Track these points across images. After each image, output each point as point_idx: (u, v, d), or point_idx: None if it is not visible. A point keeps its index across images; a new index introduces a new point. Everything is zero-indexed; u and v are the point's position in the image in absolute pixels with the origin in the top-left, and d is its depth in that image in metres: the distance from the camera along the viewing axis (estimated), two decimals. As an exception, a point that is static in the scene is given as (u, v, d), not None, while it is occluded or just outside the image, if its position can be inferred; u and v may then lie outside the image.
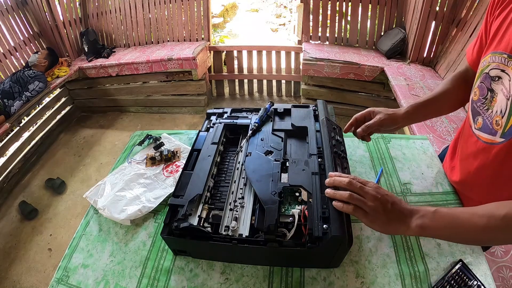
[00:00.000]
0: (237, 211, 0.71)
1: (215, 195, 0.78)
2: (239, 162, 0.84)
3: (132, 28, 3.27)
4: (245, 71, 3.40)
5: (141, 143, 1.10)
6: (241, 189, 0.77)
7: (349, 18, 2.88)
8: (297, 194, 0.71)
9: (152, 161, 1.03)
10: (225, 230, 0.67)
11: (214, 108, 1.03)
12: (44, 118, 2.90)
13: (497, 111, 0.62)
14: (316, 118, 0.91)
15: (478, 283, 0.68)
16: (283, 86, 3.45)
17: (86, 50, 3.14)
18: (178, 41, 3.26)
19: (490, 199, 0.62)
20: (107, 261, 0.78)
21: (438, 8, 2.35)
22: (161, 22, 3.21)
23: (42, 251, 1.99)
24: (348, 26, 2.92)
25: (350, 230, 0.62)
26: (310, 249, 0.61)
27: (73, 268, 0.78)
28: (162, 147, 1.08)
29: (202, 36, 3.19)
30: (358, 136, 0.85)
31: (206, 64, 3.17)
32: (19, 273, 1.87)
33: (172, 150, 1.06)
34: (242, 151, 0.86)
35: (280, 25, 5.85)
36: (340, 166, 0.72)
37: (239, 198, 0.74)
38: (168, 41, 3.28)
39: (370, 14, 2.83)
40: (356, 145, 1.05)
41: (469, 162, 0.76)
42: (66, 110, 3.22)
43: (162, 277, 0.73)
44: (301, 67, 2.84)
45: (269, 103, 0.97)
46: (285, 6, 6.35)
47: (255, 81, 3.45)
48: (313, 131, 0.85)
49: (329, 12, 2.88)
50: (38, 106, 2.85)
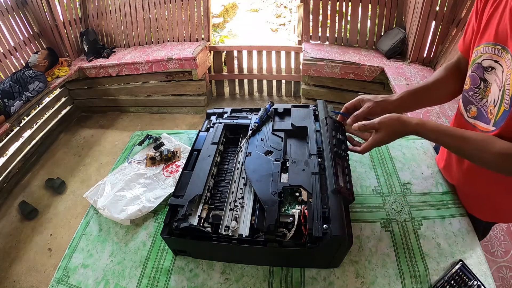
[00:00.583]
0: (237, 211, 0.71)
1: (215, 195, 0.78)
2: (239, 162, 0.84)
3: (132, 28, 3.27)
4: (245, 71, 3.40)
5: (141, 143, 1.10)
6: (241, 189, 0.77)
7: (349, 18, 2.88)
8: (297, 194, 0.71)
9: (152, 161, 1.03)
10: (225, 230, 0.67)
11: (214, 108, 1.03)
12: (44, 118, 2.90)
13: (491, 101, 0.64)
14: (316, 118, 0.91)
15: (478, 283, 0.68)
16: (283, 86, 3.45)
17: (86, 50, 3.14)
18: (178, 41, 3.26)
19: (482, 186, 0.72)
20: (107, 261, 0.78)
21: (438, 8, 2.35)
22: (161, 22, 3.21)
23: (42, 251, 1.99)
24: (348, 26, 2.92)
25: (350, 230, 0.63)
26: (310, 249, 0.61)
27: (73, 268, 0.78)
28: (162, 147, 1.08)
29: (202, 36, 3.19)
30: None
31: (206, 64, 3.17)
32: (19, 273, 1.87)
33: (172, 150, 1.06)
34: (242, 151, 0.86)
35: (280, 25, 5.85)
36: (340, 165, 0.72)
37: (239, 198, 0.74)
38: (168, 41, 3.28)
39: (370, 14, 2.83)
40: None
41: None
42: (66, 110, 3.22)
43: (162, 277, 0.73)
44: (301, 67, 2.84)
45: (269, 103, 0.97)
46: (285, 6, 6.35)
47: (255, 81, 3.45)
48: (313, 131, 0.85)
49: (329, 12, 2.88)
50: (38, 106, 2.85)
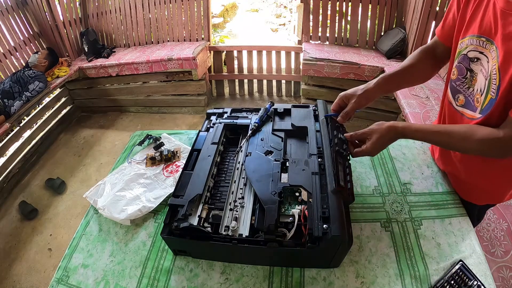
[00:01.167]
0: (237, 211, 0.71)
1: (215, 195, 0.78)
2: (239, 162, 0.84)
3: (132, 28, 3.27)
4: (245, 71, 3.40)
5: (141, 143, 1.10)
6: (241, 189, 0.77)
7: (349, 18, 2.88)
8: (297, 194, 0.71)
9: (152, 161, 1.03)
10: (225, 230, 0.67)
11: (214, 108, 1.03)
12: (44, 118, 2.90)
13: (477, 90, 0.69)
14: (316, 118, 0.91)
15: (478, 283, 0.68)
16: (283, 86, 3.45)
17: (86, 50, 3.14)
18: (178, 41, 3.26)
19: (476, 171, 0.79)
20: (107, 261, 0.78)
21: (438, 8, 2.35)
22: (161, 22, 3.21)
23: (42, 251, 1.99)
24: (348, 26, 2.92)
25: (350, 230, 0.63)
26: (310, 249, 0.61)
27: (73, 268, 0.78)
28: (162, 147, 1.08)
29: (202, 36, 3.19)
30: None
31: (206, 64, 3.17)
32: (19, 273, 1.87)
33: (172, 150, 1.06)
34: (242, 151, 0.86)
35: (280, 25, 5.85)
36: (342, 164, 0.71)
37: (239, 198, 0.74)
38: (168, 41, 3.28)
39: (370, 14, 2.83)
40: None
41: None
42: (66, 110, 3.22)
43: (162, 277, 0.73)
44: (301, 67, 2.84)
45: (269, 103, 0.97)
46: (285, 6, 6.35)
47: (255, 81, 3.45)
48: (313, 131, 0.85)
49: (329, 12, 2.88)
50: (38, 106, 2.85)
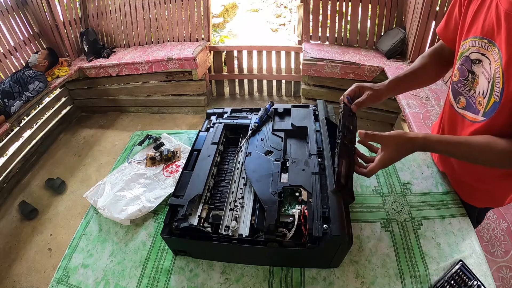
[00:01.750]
0: (237, 211, 0.71)
1: (215, 195, 0.78)
2: (239, 162, 0.84)
3: (132, 28, 3.27)
4: (245, 71, 3.40)
5: (141, 143, 1.10)
6: (241, 189, 0.77)
7: (349, 18, 2.88)
8: (297, 194, 0.71)
9: (152, 161, 1.03)
10: (225, 230, 0.67)
11: (214, 108, 1.03)
12: (44, 118, 2.90)
13: (479, 92, 0.68)
14: (316, 118, 0.91)
15: (478, 283, 0.68)
16: (283, 86, 3.45)
17: (86, 50, 3.14)
18: (178, 41, 3.26)
19: (477, 174, 0.78)
20: (107, 261, 0.78)
21: (438, 8, 2.35)
22: (161, 22, 3.21)
23: (42, 251, 1.99)
24: (348, 26, 2.92)
25: (350, 230, 0.62)
26: (310, 249, 0.61)
27: (73, 268, 0.78)
28: (162, 147, 1.07)
29: (202, 36, 3.19)
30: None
31: (206, 64, 3.17)
32: (19, 273, 1.87)
33: (172, 150, 1.05)
34: (242, 151, 0.86)
35: (280, 25, 5.85)
36: (346, 160, 0.69)
37: (239, 198, 0.74)
38: (168, 41, 3.28)
39: (370, 14, 2.83)
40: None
41: None
42: (66, 110, 3.22)
43: (162, 277, 0.73)
44: (301, 67, 2.84)
45: (269, 103, 0.97)
46: (285, 6, 6.35)
47: (255, 81, 3.45)
48: (313, 131, 0.85)
49: (329, 12, 2.88)
50: (38, 106, 2.85)
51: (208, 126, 0.95)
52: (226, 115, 0.99)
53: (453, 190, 0.89)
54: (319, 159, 0.76)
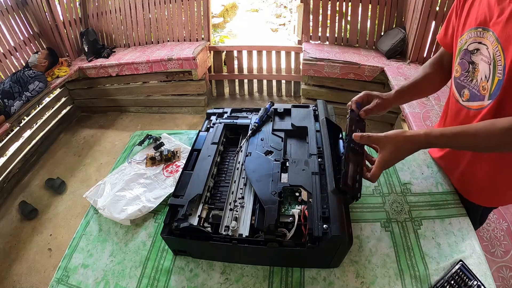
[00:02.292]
0: (237, 211, 0.71)
1: (215, 195, 0.78)
2: (239, 162, 0.84)
3: (132, 28, 3.27)
4: (245, 71, 3.40)
5: (141, 143, 1.10)
6: (241, 189, 0.77)
7: (349, 18, 2.88)
8: (297, 194, 0.71)
9: (152, 161, 1.03)
10: (225, 230, 0.67)
11: (214, 108, 1.03)
12: (44, 118, 2.90)
13: (481, 78, 0.69)
14: (316, 118, 0.91)
15: (478, 283, 0.68)
16: (283, 86, 3.45)
17: (86, 50, 3.14)
18: (178, 41, 3.26)
19: (484, 172, 0.78)
20: (107, 261, 0.78)
21: (438, 8, 2.35)
22: (161, 22, 3.21)
23: (42, 251, 1.99)
24: (348, 26, 2.92)
25: (350, 230, 0.62)
26: (310, 249, 0.61)
27: (73, 268, 0.78)
28: (162, 147, 1.07)
29: (202, 36, 3.19)
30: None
31: (206, 64, 3.17)
32: (19, 273, 1.87)
33: (172, 150, 1.05)
34: (242, 151, 0.86)
35: (280, 25, 5.85)
36: (353, 161, 0.68)
37: (239, 198, 0.74)
38: (168, 41, 3.28)
39: (370, 14, 2.83)
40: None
41: None
42: (66, 110, 3.22)
43: (162, 277, 0.73)
44: (301, 67, 2.84)
45: (269, 103, 0.97)
46: (285, 6, 6.35)
47: (255, 81, 3.45)
48: (313, 131, 0.85)
49: (329, 12, 2.88)
50: (38, 106, 2.85)
51: (208, 126, 0.95)
52: (226, 115, 0.99)
53: (453, 190, 0.89)
54: (319, 159, 0.76)
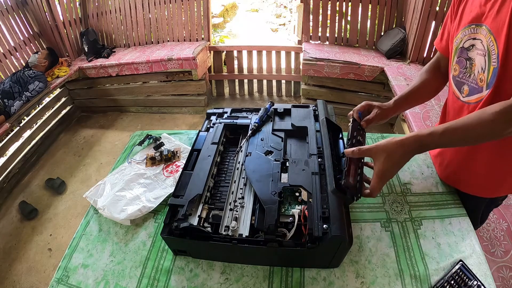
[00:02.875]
0: (237, 211, 0.71)
1: (215, 195, 0.78)
2: (239, 162, 0.84)
3: (132, 28, 3.27)
4: (245, 71, 3.40)
5: (141, 143, 1.10)
6: (241, 189, 0.77)
7: (349, 18, 2.88)
8: (297, 194, 0.71)
9: (152, 161, 1.03)
10: (225, 230, 0.67)
11: (214, 108, 1.03)
12: (44, 118, 2.90)
13: (478, 71, 0.70)
14: (316, 118, 0.91)
15: (478, 283, 0.68)
16: (283, 86, 3.45)
17: (86, 50, 3.14)
18: (178, 41, 3.26)
19: (483, 163, 0.78)
20: (107, 261, 0.78)
21: (438, 8, 2.35)
22: (161, 22, 3.21)
23: (42, 251, 1.99)
24: (348, 26, 2.92)
25: (350, 230, 0.62)
26: (310, 249, 0.61)
27: (73, 268, 0.78)
28: (162, 147, 1.07)
29: (202, 36, 3.19)
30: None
31: (206, 64, 3.17)
32: (19, 273, 1.87)
33: (172, 150, 1.05)
34: (242, 151, 0.86)
35: (280, 25, 5.85)
36: (354, 164, 0.69)
37: (239, 198, 0.74)
38: (168, 41, 3.28)
39: (370, 14, 2.83)
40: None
41: None
42: (66, 110, 3.22)
43: (162, 277, 0.73)
44: (301, 67, 2.84)
45: (269, 103, 0.97)
46: (285, 6, 6.35)
47: (255, 81, 3.45)
48: (313, 131, 0.85)
49: (329, 12, 2.88)
50: (38, 106, 2.85)
51: (208, 126, 0.95)
52: (226, 115, 0.99)
53: (453, 190, 0.89)
54: (319, 159, 0.76)
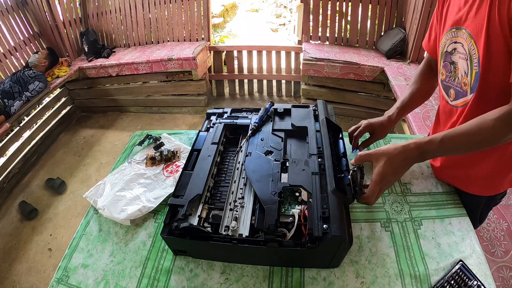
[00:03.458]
0: (237, 211, 0.71)
1: (215, 195, 0.78)
2: (239, 162, 0.84)
3: (132, 28, 3.27)
4: (245, 71, 3.40)
5: (141, 143, 1.10)
6: (241, 189, 0.76)
7: (349, 18, 2.88)
8: (297, 194, 0.71)
9: (152, 161, 1.03)
10: (225, 230, 0.67)
11: (214, 108, 1.03)
12: (44, 118, 2.90)
13: (462, 75, 0.72)
14: (316, 118, 0.91)
15: (478, 283, 0.68)
16: (283, 86, 3.45)
17: (86, 50, 3.14)
18: (178, 41, 3.26)
19: (483, 161, 0.79)
20: (107, 261, 0.78)
21: (438, 8, 2.35)
22: (161, 22, 3.21)
23: (42, 251, 1.99)
24: (348, 26, 2.92)
25: (350, 230, 0.62)
26: (310, 249, 0.61)
27: (73, 268, 0.78)
28: (162, 147, 1.07)
29: (202, 36, 3.19)
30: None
31: (206, 64, 3.17)
32: (19, 273, 1.87)
33: (172, 150, 1.05)
34: (242, 151, 0.86)
35: (280, 25, 5.85)
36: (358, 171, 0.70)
37: (239, 198, 0.74)
38: (168, 41, 3.28)
39: (370, 14, 2.83)
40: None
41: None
42: (66, 110, 3.22)
43: (162, 277, 0.73)
44: (301, 67, 2.84)
45: (269, 103, 0.97)
46: (285, 6, 6.35)
47: (255, 81, 3.45)
48: (313, 131, 0.85)
49: (329, 12, 2.88)
50: (38, 106, 2.85)
51: (208, 126, 0.95)
52: (226, 115, 0.99)
53: (453, 190, 0.89)
54: (319, 159, 0.76)
